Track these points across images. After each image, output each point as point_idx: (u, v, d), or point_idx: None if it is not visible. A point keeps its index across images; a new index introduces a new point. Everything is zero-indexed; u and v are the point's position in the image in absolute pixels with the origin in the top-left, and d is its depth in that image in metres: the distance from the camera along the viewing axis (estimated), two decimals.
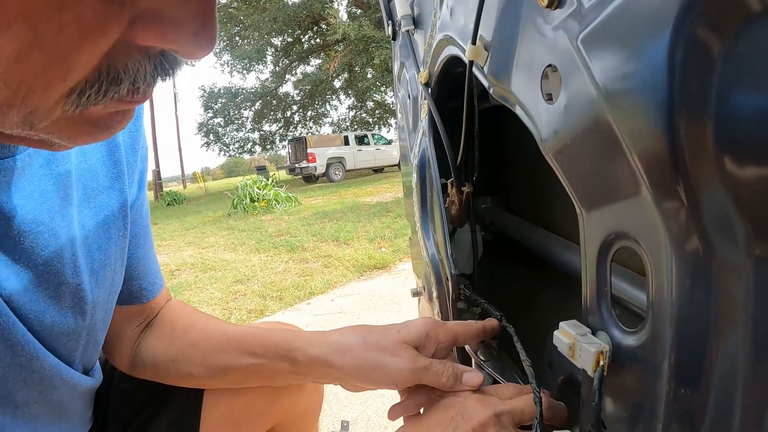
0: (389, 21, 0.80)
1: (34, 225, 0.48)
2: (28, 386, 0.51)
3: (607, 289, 0.35)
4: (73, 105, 0.29)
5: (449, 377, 0.57)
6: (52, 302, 0.51)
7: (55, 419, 0.57)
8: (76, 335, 0.56)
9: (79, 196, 0.54)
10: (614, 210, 0.32)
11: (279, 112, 26.18)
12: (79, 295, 0.54)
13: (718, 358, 0.27)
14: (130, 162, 0.62)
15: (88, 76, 0.28)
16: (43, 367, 0.52)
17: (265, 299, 3.46)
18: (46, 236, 0.50)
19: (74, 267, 0.53)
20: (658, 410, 0.31)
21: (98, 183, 0.57)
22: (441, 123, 0.59)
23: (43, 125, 0.31)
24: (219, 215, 9.29)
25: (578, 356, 0.35)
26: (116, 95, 0.30)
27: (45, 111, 0.29)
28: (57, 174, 0.51)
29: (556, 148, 0.35)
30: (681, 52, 0.23)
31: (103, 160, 0.58)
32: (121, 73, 0.29)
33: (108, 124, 0.34)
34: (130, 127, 0.61)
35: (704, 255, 0.26)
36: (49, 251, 0.50)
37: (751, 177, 0.24)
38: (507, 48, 0.40)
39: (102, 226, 0.58)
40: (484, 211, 0.85)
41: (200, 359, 0.69)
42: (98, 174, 0.57)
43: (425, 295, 0.77)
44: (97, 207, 0.57)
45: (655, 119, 0.25)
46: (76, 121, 0.32)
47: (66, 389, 0.56)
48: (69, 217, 0.52)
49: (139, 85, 0.30)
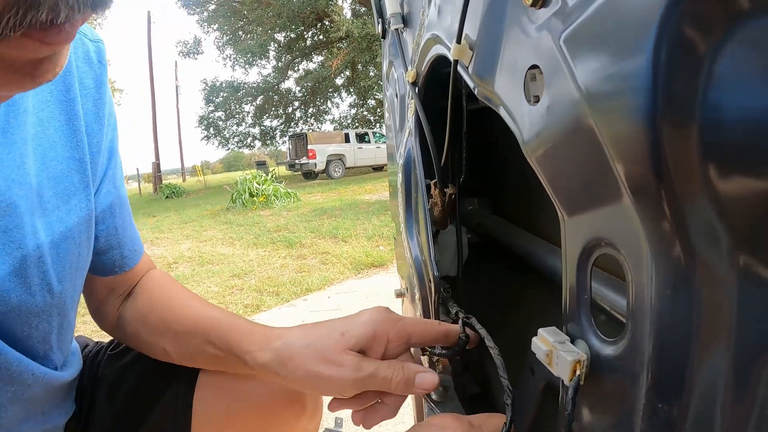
0: (379, 19, 0.80)
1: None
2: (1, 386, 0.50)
3: (587, 296, 0.34)
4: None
5: (399, 383, 0.54)
6: (17, 280, 0.50)
7: (30, 414, 0.56)
8: (47, 314, 0.54)
9: (37, 166, 0.53)
10: (595, 216, 0.31)
11: (280, 107, 26.20)
12: (43, 268, 0.53)
13: (698, 371, 0.26)
14: (94, 131, 0.61)
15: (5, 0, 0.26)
16: (10, 363, 0.51)
17: (262, 294, 3.46)
18: (3, 207, 0.48)
19: (35, 238, 0.51)
20: (635, 424, 0.30)
21: (56, 153, 0.56)
22: (426, 123, 0.58)
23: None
24: (218, 209, 9.29)
25: (555, 364, 0.35)
26: (35, 20, 0.27)
27: None
28: (13, 142, 0.49)
29: (537, 151, 0.34)
30: (665, 54, 0.23)
31: (61, 129, 0.56)
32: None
33: (33, 73, 0.32)
34: (93, 94, 0.60)
35: (686, 264, 0.25)
36: (8, 224, 0.49)
37: (736, 184, 0.23)
38: (491, 48, 0.39)
39: (62, 198, 0.56)
40: (471, 213, 0.84)
41: (173, 339, 0.67)
42: (56, 144, 0.56)
43: (408, 296, 0.76)
44: (55, 177, 0.55)
45: (636, 123, 0.24)
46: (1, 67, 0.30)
47: (41, 386, 0.56)
48: (27, 188, 0.51)
49: (60, 9, 0.28)
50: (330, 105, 27.51)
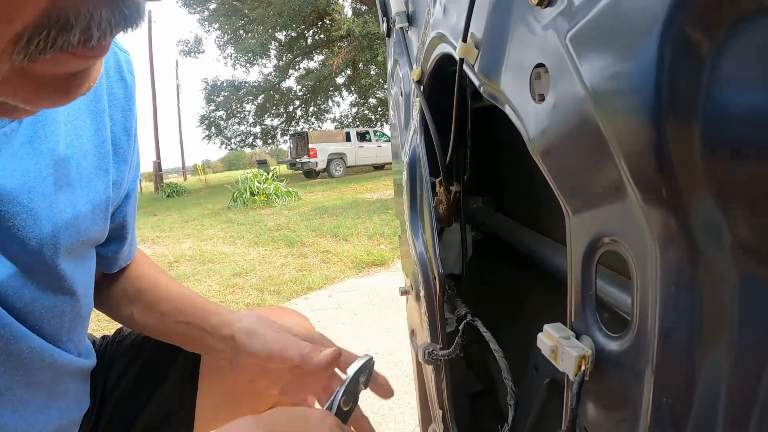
0: (384, 17, 0.80)
1: (12, 205, 0.48)
2: (9, 370, 0.51)
3: (592, 292, 0.34)
4: (20, 54, 0.27)
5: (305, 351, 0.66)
6: (29, 280, 0.51)
7: (45, 404, 0.57)
8: (60, 312, 0.56)
9: (70, 177, 0.54)
10: (600, 212, 0.31)
11: (281, 106, 26.18)
12: (59, 274, 0.54)
13: (702, 366, 0.26)
14: (121, 143, 0.62)
15: (36, 20, 0.25)
16: (22, 350, 0.51)
17: (263, 293, 3.46)
18: (24, 217, 0.49)
19: (54, 248, 0.52)
20: (640, 419, 0.30)
21: (88, 163, 0.57)
22: (431, 121, 0.58)
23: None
24: (219, 208, 9.30)
25: (560, 360, 0.35)
26: (66, 44, 0.27)
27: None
28: (41, 153, 0.50)
29: (543, 148, 0.34)
30: (669, 52, 0.23)
31: (92, 140, 0.57)
32: (72, 18, 0.26)
33: (66, 88, 0.31)
34: (122, 105, 0.61)
35: (690, 260, 0.26)
36: (27, 232, 0.49)
37: (740, 181, 0.23)
38: (497, 46, 0.40)
39: (89, 209, 0.57)
40: (475, 212, 0.84)
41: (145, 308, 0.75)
42: (88, 154, 0.56)
43: (413, 294, 0.76)
44: (88, 188, 0.57)
45: (641, 121, 0.25)
46: (29, 82, 0.29)
47: (49, 371, 0.56)
48: (52, 199, 0.52)
49: (93, 32, 0.27)
50: (331, 104, 27.53)
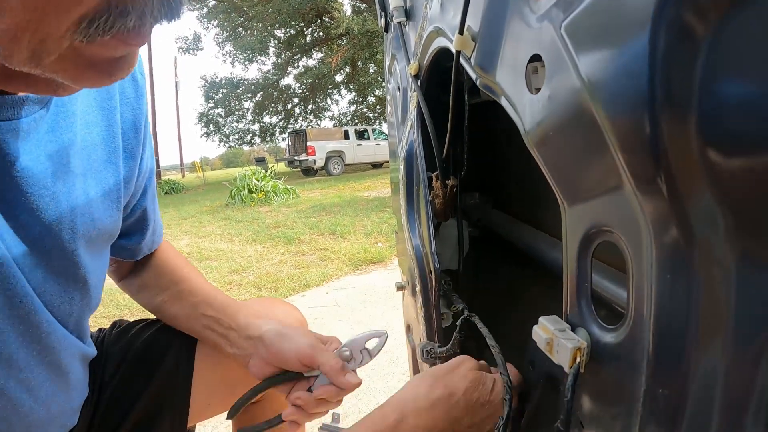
0: (382, 12, 0.80)
1: (38, 187, 0.50)
2: (27, 344, 0.53)
3: (588, 284, 0.34)
4: (81, 34, 0.30)
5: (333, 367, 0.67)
6: (46, 262, 0.54)
7: (54, 388, 0.58)
8: (69, 297, 0.58)
9: (83, 166, 0.56)
10: (596, 203, 0.31)
11: (280, 104, 26.12)
12: (74, 259, 0.57)
13: (698, 356, 0.26)
14: (130, 139, 0.64)
15: (99, 5, 0.29)
16: (41, 323, 0.53)
17: (260, 290, 3.46)
18: (47, 199, 0.51)
19: (72, 233, 0.55)
20: (635, 409, 0.30)
21: (98, 156, 0.59)
22: (428, 115, 0.58)
23: (50, 60, 0.32)
24: (216, 205, 9.28)
25: (556, 352, 0.35)
26: (123, 27, 0.31)
27: (55, 40, 0.31)
28: (62, 141, 0.53)
29: (538, 140, 0.34)
30: (663, 39, 0.23)
31: (102, 134, 0.60)
32: (129, 6, 0.30)
33: (110, 71, 0.35)
34: (132, 104, 0.64)
35: (686, 250, 0.26)
36: (49, 214, 0.52)
37: (735, 170, 0.23)
38: (494, 38, 0.39)
39: (101, 198, 0.60)
40: (472, 207, 0.84)
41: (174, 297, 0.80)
42: (98, 147, 0.59)
43: (409, 289, 0.76)
44: (97, 179, 0.59)
45: (636, 109, 0.25)
46: (80, 62, 0.33)
47: (64, 351, 0.58)
48: (70, 185, 0.54)
49: (146, 19, 0.31)
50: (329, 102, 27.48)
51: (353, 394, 1.88)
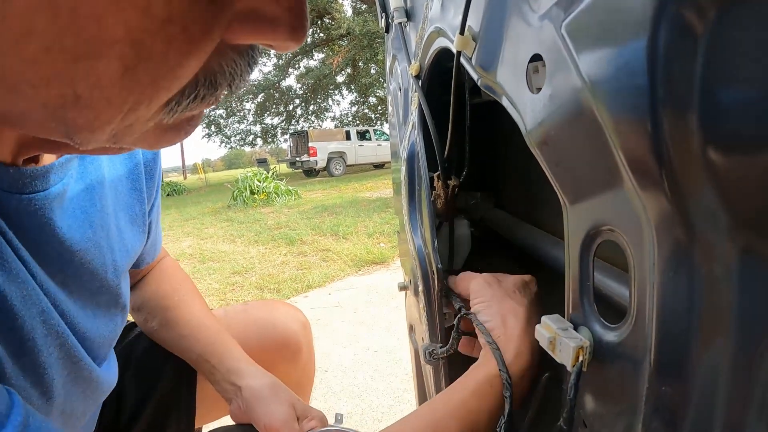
0: (383, 13, 0.80)
1: (83, 242, 0.51)
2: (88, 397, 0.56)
3: (590, 283, 0.34)
4: (170, 113, 0.29)
5: None
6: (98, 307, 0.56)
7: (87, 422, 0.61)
8: (114, 327, 0.61)
9: (113, 202, 0.58)
10: (597, 202, 0.31)
11: (281, 105, 26.12)
12: (118, 293, 0.59)
13: (701, 354, 0.26)
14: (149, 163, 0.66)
15: (188, 84, 0.28)
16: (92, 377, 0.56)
17: (263, 291, 3.47)
18: (93, 250, 0.53)
19: (114, 271, 0.58)
20: (638, 408, 0.30)
21: (124, 187, 0.61)
22: (430, 115, 0.58)
23: (131, 138, 0.31)
24: (219, 207, 9.30)
25: (558, 351, 0.35)
26: (214, 99, 0.30)
27: (142, 123, 0.29)
28: (92, 186, 0.53)
29: (540, 139, 0.34)
30: (663, 37, 0.23)
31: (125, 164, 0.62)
32: (218, 76, 0.29)
33: (184, 129, 0.34)
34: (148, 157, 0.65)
35: (688, 248, 0.26)
36: (95, 263, 0.54)
37: (737, 167, 0.23)
38: (494, 38, 0.40)
39: (130, 228, 0.63)
40: (474, 207, 0.84)
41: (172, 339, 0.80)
42: (123, 180, 0.61)
43: (411, 290, 0.76)
44: (126, 210, 0.62)
45: (636, 108, 0.25)
46: (158, 131, 0.32)
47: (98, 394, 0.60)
48: (107, 227, 0.56)
49: (238, 83, 0.30)
50: (331, 102, 27.43)
51: (356, 394, 1.89)
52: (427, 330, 0.68)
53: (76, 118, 0.27)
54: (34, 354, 0.45)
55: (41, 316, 0.46)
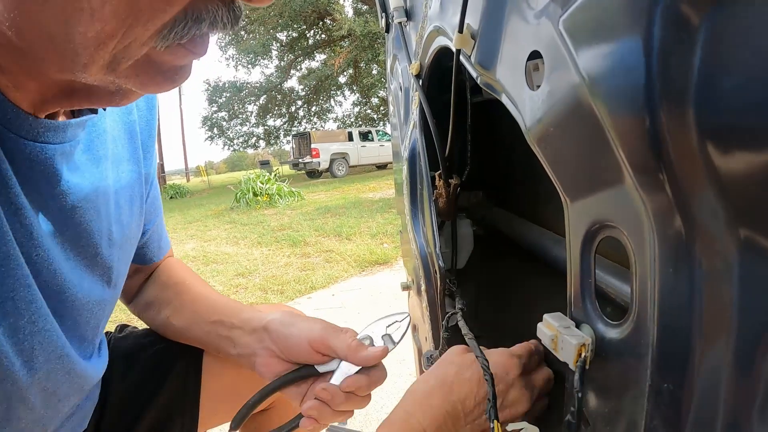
0: (383, 13, 0.80)
1: (84, 202, 0.53)
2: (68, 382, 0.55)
3: (591, 280, 0.34)
4: (163, 40, 0.34)
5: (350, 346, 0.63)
6: (89, 273, 0.56)
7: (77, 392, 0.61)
8: (102, 306, 0.60)
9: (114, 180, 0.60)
10: (598, 199, 0.31)
11: (283, 107, 26.17)
12: (110, 266, 0.60)
13: (702, 350, 0.26)
14: (147, 146, 0.68)
15: (178, 14, 0.33)
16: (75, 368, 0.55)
17: (267, 293, 3.47)
18: (92, 212, 0.54)
19: (109, 241, 0.58)
20: (640, 405, 0.30)
21: (124, 167, 0.63)
22: (430, 114, 0.58)
23: (125, 66, 0.35)
24: (222, 209, 9.31)
25: (560, 349, 0.35)
26: (198, 32, 0.35)
27: (138, 46, 0.34)
28: (97, 158, 0.56)
29: (539, 136, 0.34)
30: (659, 32, 0.23)
31: (125, 146, 0.63)
32: (203, 14, 0.34)
33: (174, 77, 0.39)
34: (146, 115, 0.68)
35: (688, 242, 0.25)
36: (92, 226, 0.55)
37: (736, 162, 0.23)
38: (493, 36, 0.39)
39: (129, 206, 0.63)
40: (476, 206, 0.84)
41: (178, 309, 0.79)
42: (123, 159, 0.63)
43: (414, 289, 0.76)
44: (126, 189, 0.63)
45: (634, 103, 0.24)
46: (150, 68, 0.37)
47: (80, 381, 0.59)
48: (106, 197, 0.58)
49: (217, 26, 0.36)
50: (333, 103, 27.48)
51: None
52: (429, 330, 0.68)
53: (86, 31, 0.32)
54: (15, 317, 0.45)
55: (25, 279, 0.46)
